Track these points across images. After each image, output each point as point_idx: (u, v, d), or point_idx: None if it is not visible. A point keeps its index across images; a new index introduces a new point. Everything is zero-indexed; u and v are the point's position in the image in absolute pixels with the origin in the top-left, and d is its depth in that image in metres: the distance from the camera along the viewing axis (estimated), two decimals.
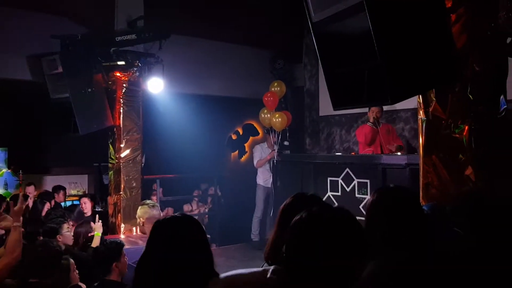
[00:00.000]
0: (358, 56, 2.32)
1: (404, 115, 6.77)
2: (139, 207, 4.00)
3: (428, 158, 2.87)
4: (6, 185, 8.07)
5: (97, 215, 4.97)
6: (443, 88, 2.70)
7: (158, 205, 4.06)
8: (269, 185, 7.48)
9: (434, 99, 2.77)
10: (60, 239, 4.03)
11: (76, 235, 4.55)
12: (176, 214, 1.76)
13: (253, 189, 7.75)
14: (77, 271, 3.15)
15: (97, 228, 4.61)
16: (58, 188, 7.43)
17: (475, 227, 1.44)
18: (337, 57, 2.50)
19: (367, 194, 4.91)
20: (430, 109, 2.81)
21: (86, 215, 6.11)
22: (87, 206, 6.26)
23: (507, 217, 1.36)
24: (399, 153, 5.29)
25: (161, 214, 4.05)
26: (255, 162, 7.72)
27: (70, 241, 4.35)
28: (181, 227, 1.66)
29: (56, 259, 2.93)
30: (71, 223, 4.77)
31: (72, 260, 3.12)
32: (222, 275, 1.61)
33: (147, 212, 3.81)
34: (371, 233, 1.71)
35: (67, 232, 4.31)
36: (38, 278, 2.78)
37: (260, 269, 1.55)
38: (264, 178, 7.59)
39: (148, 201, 4.15)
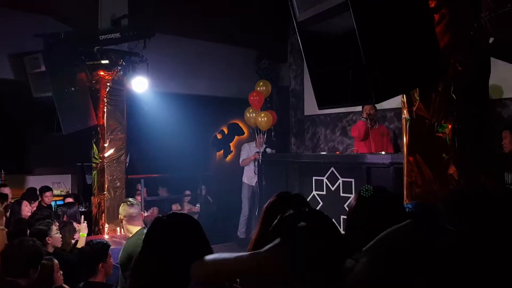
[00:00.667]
0: (343, 55, 2.33)
1: (389, 115, 6.83)
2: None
3: (412, 157, 2.90)
4: None
5: (82, 216, 4.91)
6: (427, 87, 2.73)
7: (138, 203, 4.00)
8: (254, 184, 7.51)
9: (418, 98, 2.80)
10: (49, 241, 3.96)
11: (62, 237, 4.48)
12: (175, 211, 1.70)
13: (238, 188, 7.75)
14: (61, 272, 3.10)
15: (82, 229, 4.56)
16: (45, 189, 7.26)
17: (467, 223, 1.44)
18: (322, 56, 2.51)
19: (351, 193, 4.94)
20: (414, 109, 2.83)
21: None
22: None
23: (498, 211, 1.37)
24: (383, 152, 5.33)
25: (142, 213, 4.01)
26: (240, 160, 7.74)
27: (59, 243, 4.29)
28: (182, 224, 1.58)
29: (32, 258, 2.88)
30: (57, 224, 4.69)
31: (56, 261, 3.07)
32: (205, 257, 1.53)
33: (125, 210, 3.76)
34: (352, 232, 1.71)
35: (56, 234, 4.24)
36: (13, 277, 2.74)
37: (245, 254, 1.50)
38: (248, 176, 7.61)
39: (128, 199, 4.07)
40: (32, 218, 4.92)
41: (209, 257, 1.49)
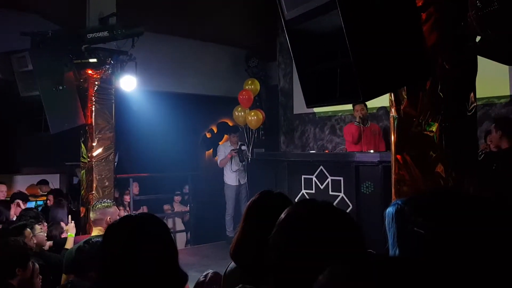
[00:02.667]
0: (331, 54, 2.33)
1: (377, 113, 6.87)
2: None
3: (399, 155, 2.91)
4: None
5: (69, 216, 4.86)
6: (414, 86, 2.75)
7: (112, 202, 3.96)
8: (237, 183, 7.53)
9: (405, 97, 2.82)
10: (34, 241, 3.92)
11: (50, 237, 4.45)
12: (138, 212, 1.56)
13: None
14: (40, 277, 3.04)
15: (70, 229, 4.51)
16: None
17: (433, 223, 1.43)
18: (310, 54, 2.51)
19: (340, 192, 4.96)
20: (402, 107, 2.85)
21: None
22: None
23: (471, 213, 1.36)
24: (371, 151, 5.36)
25: (117, 213, 3.96)
26: (218, 162, 7.79)
27: (44, 243, 4.25)
28: (140, 225, 1.42)
29: (18, 257, 2.84)
30: (45, 224, 4.65)
31: (37, 266, 3.02)
32: None
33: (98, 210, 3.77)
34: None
35: (40, 233, 4.19)
36: (3, 278, 2.70)
37: None
38: (229, 176, 7.64)
39: (104, 200, 4.05)
40: (20, 219, 4.87)
41: None
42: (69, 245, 4.30)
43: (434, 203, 1.47)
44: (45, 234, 4.36)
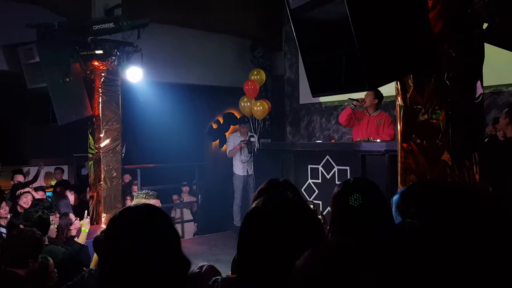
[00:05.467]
0: (336, 42, 2.33)
1: (383, 103, 6.83)
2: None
3: (406, 144, 2.91)
4: None
5: (85, 211, 4.88)
6: (421, 74, 2.74)
7: (156, 194, 4.04)
8: (245, 173, 7.56)
9: (411, 85, 2.81)
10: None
11: (59, 228, 4.48)
12: (140, 204, 1.55)
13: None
14: (55, 270, 3.09)
15: (85, 225, 4.54)
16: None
17: (424, 211, 1.44)
18: (315, 43, 2.51)
19: None
20: (408, 95, 2.84)
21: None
22: (69, 199, 6.13)
23: (459, 203, 1.36)
24: (378, 140, 5.33)
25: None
26: (227, 152, 7.80)
27: (53, 234, 4.29)
28: (144, 217, 1.42)
29: (32, 249, 2.89)
30: (57, 215, 4.70)
31: (51, 260, 3.06)
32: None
33: (135, 200, 3.85)
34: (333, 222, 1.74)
35: (52, 225, 4.24)
36: (13, 267, 2.75)
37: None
38: (238, 167, 7.66)
39: (143, 191, 4.14)
40: (32, 208, 4.91)
41: None
42: (81, 239, 4.34)
43: (425, 193, 1.48)
44: (56, 225, 4.41)
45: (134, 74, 6.27)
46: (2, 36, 6.11)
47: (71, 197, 6.13)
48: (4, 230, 4.65)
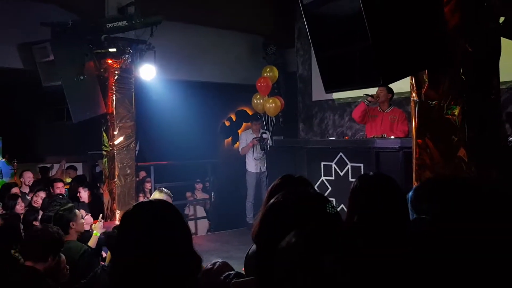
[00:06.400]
0: (350, 38, 2.31)
1: (397, 99, 6.76)
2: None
3: (420, 140, 2.88)
4: (0, 174, 8.04)
5: (100, 215, 4.80)
6: (436, 69, 2.70)
7: (168, 192, 4.13)
8: (258, 171, 7.55)
9: (426, 80, 2.77)
10: (73, 226, 3.99)
11: None
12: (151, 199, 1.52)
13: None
14: (67, 267, 3.11)
15: (97, 228, 4.43)
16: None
17: (438, 207, 1.42)
18: (328, 39, 2.49)
19: None
20: (423, 91, 2.81)
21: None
22: (82, 195, 6.18)
23: (473, 200, 1.33)
24: (392, 137, 5.28)
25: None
26: (240, 149, 7.80)
27: (83, 229, 4.30)
28: (155, 212, 1.42)
29: (53, 245, 2.92)
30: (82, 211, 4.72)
31: (63, 257, 3.09)
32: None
33: (155, 195, 3.95)
34: (351, 217, 1.72)
35: (81, 220, 4.25)
36: (32, 261, 2.79)
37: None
38: (250, 164, 7.66)
39: (161, 187, 4.35)
40: (49, 206, 4.97)
41: None
42: (92, 243, 4.25)
43: (439, 189, 1.46)
44: None
45: (147, 72, 6.30)
46: (18, 34, 6.19)
47: (84, 193, 6.17)
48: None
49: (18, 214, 4.97)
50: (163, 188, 4.28)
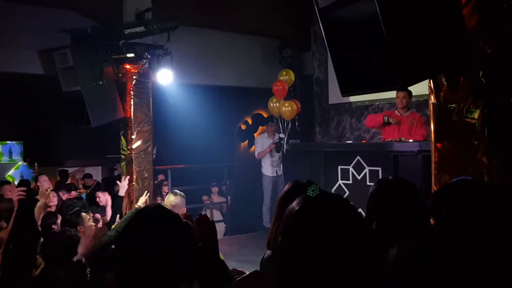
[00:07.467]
0: (366, 41, 2.29)
1: (416, 102, 6.69)
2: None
3: (440, 144, 2.84)
4: (22, 178, 8.21)
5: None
6: (454, 72, 2.66)
7: (182, 195, 4.17)
8: (275, 174, 7.54)
9: (445, 83, 2.74)
10: (81, 230, 4.04)
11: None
12: (155, 203, 1.56)
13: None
14: (88, 269, 3.15)
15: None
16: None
17: (457, 212, 1.39)
18: (345, 42, 2.47)
19: None
20: (442, 94, 2.77)
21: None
22: (102, 199, 6.23)
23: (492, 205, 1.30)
24: (411, 140, 5.22)
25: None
26: (256, 154, 7.79)
27: (92, 232, 4.36)
28: (159, 219, 1.44)
29: (70, 248, 2.96)
30: (91, 214, 4.77)
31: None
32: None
33: (168, 198, 4.09)
34: (368, 222, 1.70)
35: (89, 223, 4.30)
36: (53, 265, 2.82)
37: None
38: (267, 168, 7.64)
39: (175, 190, 4.44)
40: (67, 209, 5.02)
41: None
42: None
43: (457, 194, 1.43)
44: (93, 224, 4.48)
45: (165, 77, 6.36)
46: (38, 41, 6.32)
47: (103, 196, 6.23)
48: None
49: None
50: (176, 191, 4.35)
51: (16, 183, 7.45)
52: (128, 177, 5.66)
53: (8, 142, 8.48)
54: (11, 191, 6.14)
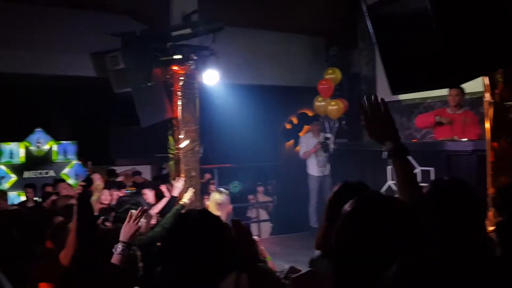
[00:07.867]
0: (417, 37, 2.21)
1: (469, 99, 6.41)
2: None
3: (496, 143, 2.72)
4: (76, 176, 8.62)
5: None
6: (511, 69, 2.54)
7: (227, 193, 4.23)
8: (321, 174, 7.44)
9: (501, 80, 2.62)
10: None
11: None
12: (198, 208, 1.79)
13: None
14: (142, 264, 3.23)
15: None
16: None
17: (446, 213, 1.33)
18: (394, 39, 2.40)
19: None
20: (497, 91, 2.66)
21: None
22: (148, 196, 6.40)
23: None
24: (464, 139, 5.01)
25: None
26: (301, 153, 7.71)
27: (144, 229, 4.48)
28: (199, 223, 1.60)
29: None
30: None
31: (139, 253, 3.21)
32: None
33: (213, 196, 4.12)
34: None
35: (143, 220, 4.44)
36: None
37: None
38: (313, 168, 7.55)
39: (220, 189, 4.49)
40: (119, 206, 5.19)
41: None
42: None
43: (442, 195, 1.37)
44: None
45: (211, 77, 6.44)
46: (91, 44, 6.57)
47: (150, 193, 6.38)
48: None
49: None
50: (221, 189, 4.40)
51: (70, 181, 7.83)
52: (183, 178, 5.72)
53: (63, 142, 8.89)
54: (66, 189, 6.46)
